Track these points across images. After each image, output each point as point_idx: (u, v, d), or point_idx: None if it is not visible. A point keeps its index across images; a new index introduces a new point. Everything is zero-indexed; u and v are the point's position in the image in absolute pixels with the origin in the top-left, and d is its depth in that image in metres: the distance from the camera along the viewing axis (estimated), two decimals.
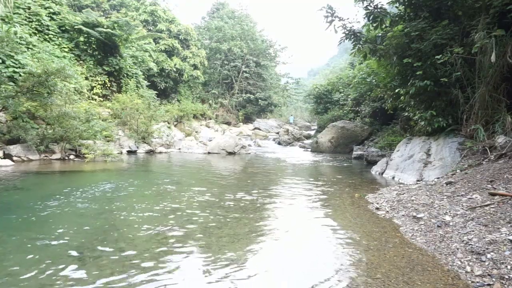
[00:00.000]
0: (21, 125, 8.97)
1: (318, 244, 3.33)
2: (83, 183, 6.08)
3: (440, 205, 4.01)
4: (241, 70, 29.68)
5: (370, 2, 7.87)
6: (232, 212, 4.33)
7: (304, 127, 29.64)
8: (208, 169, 9.45)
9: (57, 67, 8.94)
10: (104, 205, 4.52)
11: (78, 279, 2.41)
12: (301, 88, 40.14)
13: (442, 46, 6.75)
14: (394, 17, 8.14)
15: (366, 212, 4.45)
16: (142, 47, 19.99)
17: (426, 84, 6.78)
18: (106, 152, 9.48)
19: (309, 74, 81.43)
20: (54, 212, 4.14)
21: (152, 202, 4.78)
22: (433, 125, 7.10)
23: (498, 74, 6.02)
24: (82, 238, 3.22)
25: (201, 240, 3.28)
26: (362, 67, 14.28)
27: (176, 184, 6.41)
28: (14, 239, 3.15)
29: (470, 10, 6.71)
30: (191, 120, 22.38)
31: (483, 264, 2.53)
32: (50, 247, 2.97)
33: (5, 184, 5.77)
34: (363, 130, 14.29)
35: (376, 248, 3.09)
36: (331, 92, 20.16)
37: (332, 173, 8.46)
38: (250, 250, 3.06)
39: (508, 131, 5.68)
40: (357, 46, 7.99)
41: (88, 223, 3.71)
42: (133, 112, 13.47)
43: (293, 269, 2.72)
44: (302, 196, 5.48)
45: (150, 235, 3.39)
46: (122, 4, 24.62)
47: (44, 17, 13.19)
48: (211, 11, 34.38)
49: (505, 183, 4.01)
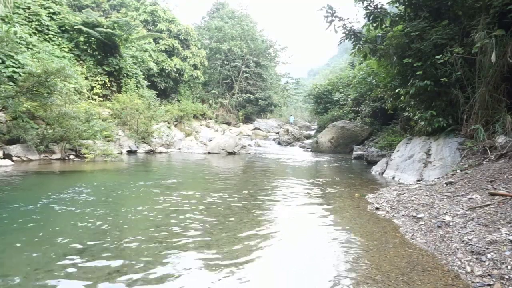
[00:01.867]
0: (21, 125, 8.96)
1: (318, 244, 3.32)
2: (83, 183, 6.08)
3: (440, 205, 4.01)
4: (241, 70, 29.68)
5: (370, 2, 7.86)
6: (232, 212, 4.33)
7: (304, 127, 29.63)
8: (208, 169, 9.45)
9: (57, 67, 8.94)
10: (104, 205, 4.52)
11: (77, 279, 2.41)
12: (301, 88, 40.14)
13: (442, 46, 6.75)
14: (394, 17, 8.14)
15: (366, 212, 4.44)
16: (142, 47, 19.99)
17: (426, 84, 6.77)
18: (106, 152, 9.48)
19: (309, 74, 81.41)
20: (53, 212, 4.14)
21: (152, 202, 4.77)
22: (433, 125, 7.09)
23: (498, 74, 6.02)
24: (81, 238, 3.21)
25: (201, 240, 3.27)
26: (362, 67, 14.28)
27: (176, 184, 6.41)
28: (14, 239, 3.15)
29: (470, 10, 6.71)
30: (191, 120, 22.38)
31: (483, 264, 2.53)
32: (49, 247, 2.97)
33: (5, 184, 5.77)
34: (363, 130, 14.29)
35: (376, 248, 3.09)
36: (331, 92, 20.15)
37: (332, 173, 8.45)
38: (250, 250, 3.05)
39: (508, 131, 5.68)
40: (357, 46, 7.99)
41: (87, 223, 3.71)
42: (133, 112, 13.47)
43: (293, 269, 2.72)
44: (302, 196, 5.48)
45: (150, 235, 3.38)
46: (122, 4, 24.62)
47: (44, 17, 13.19)
48: (211, 11, 34.39)
49: (505, 183, 4.00)
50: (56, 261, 2.69)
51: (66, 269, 2.55)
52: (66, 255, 2.81)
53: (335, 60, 71.67)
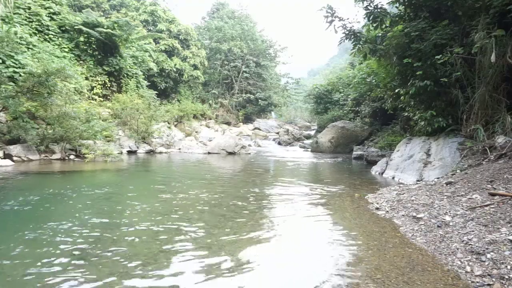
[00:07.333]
0: (21, 125, 8.97)
1: (318, 244, 3.33)
2: (83, 183, 6.08)
3: (440, 205, 4.01)
4: (241, 70, 29.68)
5: (370, 2, 7.88)
6: (232, 212, 4.33)
7: (304, 127, 29.64)
8: (208, 169, 9.45)
9: (57, 67, 8.94)
10: (104, 205, 4.52)
11: (77, 279, 2.41)
12: (301, 88, 40.14)
13: (442, 46, 6.75)
14: (394, 17, 8.15)
15: (366, 212, 4.45)
16: (142, 47, 19.99)
17: (426, 84, 6.78)
18: (106, 152, 9.48)
19: (309, 74, 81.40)
20: (53, 212, 4.14)
21: (152, 202, 4.78)
22: (433, 125, 7.10)
23: (498, 74, 6.02)
24: (81, 238, 3.22)
25: (201, 240, 3.28)
26: (362, 67, 14.28)
27: (176, 184, 6.41)
28: (13, 239, 3.15)
29: (470, 10, 6.71)
30: (191, 120, 22.38)
31: (483, 264, 2.53)
32: (49, 247, 2.97)
33: (5, 184, 5.77)
34: (363, 130, 14.29)
35: (376, 248, 3.09)
36: (331, 92, 20.15)
37: (332, 173, 8.46)
38: (250, 250, 3.06)
39: (508, 131, 5.69)
40: (357, 46, 8.00)
41: (87, 223, 3.71)
42: (133, 112, 13.48)
43: (293, 269, 2.72)
44: (302, 196, 5.48)
45: (150, 235, 3.39)
46: (122, 4, 24.64)
47: (44, 17, 13.19)
48: (211, 11, 34.41)
49: (505, 183, 4.01)
50: (55, 260, 2.69)
51: (64, 269, 2.55)
52: (65, 254, 2.81)
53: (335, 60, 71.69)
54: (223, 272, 2.57)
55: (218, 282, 2.42)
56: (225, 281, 2.44)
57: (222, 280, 2.45)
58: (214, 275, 2.52)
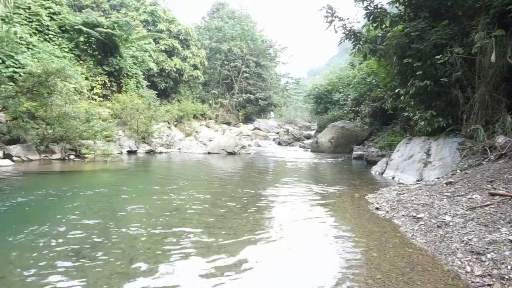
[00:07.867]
0: (21, 125, 8.97)
1: (318, 244, 3.33)
2: (83, 183, 6.08)
3: (440, 205, 4.01)
4: (241, 70, 29.67)
5: (370, 2, 7.88)
6: (232, 212, 4.33)
7: (304, 127, 29.63)
8: (208, 169, 9.45)
9: (57, 67, 8.94)
10: (103, 205, 4.52)
11: (76, 279, 2.41)
12: (301, 88, 40.13)
13: (442, 46, 6.75)
14: (394, 17, 8.15)
15: (366, 212, 4.45)
16: (142, 47, 19.99)
17: (426, 84, 6.78)
18: (106, 152, 9.48)
19: (309, 74, 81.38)
20: (53, 212, 4.14)
21: (151, 202, 4.78)
22: (433, 125, 7.10)
23: (498, 74, 6.02)
24: (81, 238, 3.22)
25: (201, 240, 3.28)
26: (362, 67, 14.27)
27: (176, 184, 6.41)
28: (13, 239, 3.15)
29: (470, 10, 6.71)
30: (191, 120, 22.38)
31: (483, 264, 2.53)
32: (48, 247, 2.97)
33: (5, 184, 5.77)
34: (363, 130, 14.29)
35: (376, 248, 3.09)
36: (331, 92, 20.14)
37: (332, 173, 8.46)
38: (249, 250, 3.06)
39: (508, 131, 5.69)
40: (357, 46, 7.99)
41: (87, 223, 3.71)
42: (133, 112, 13.48)
43: (293, 269, 2.72)
44: (302, 196, 5.48)
45: (150, 235, 3.38)
46: (122, 4, 24.63)
47: (44, 17, 13.19)
48: (211, 11, 34.40)
49: (505, 183, 4.01)
50: (55, 260, 2.69)
51: (63, 270, 2.55)
52: (65, 254, 2.81)
53: (335, 60, 71.68)
54: (223, 273, 2.57)
55: (218, 282, 2.42)
56: (225, 281, 2.44)
57: (222, 280, 2.45)
58: (214, 276, 2.52)
